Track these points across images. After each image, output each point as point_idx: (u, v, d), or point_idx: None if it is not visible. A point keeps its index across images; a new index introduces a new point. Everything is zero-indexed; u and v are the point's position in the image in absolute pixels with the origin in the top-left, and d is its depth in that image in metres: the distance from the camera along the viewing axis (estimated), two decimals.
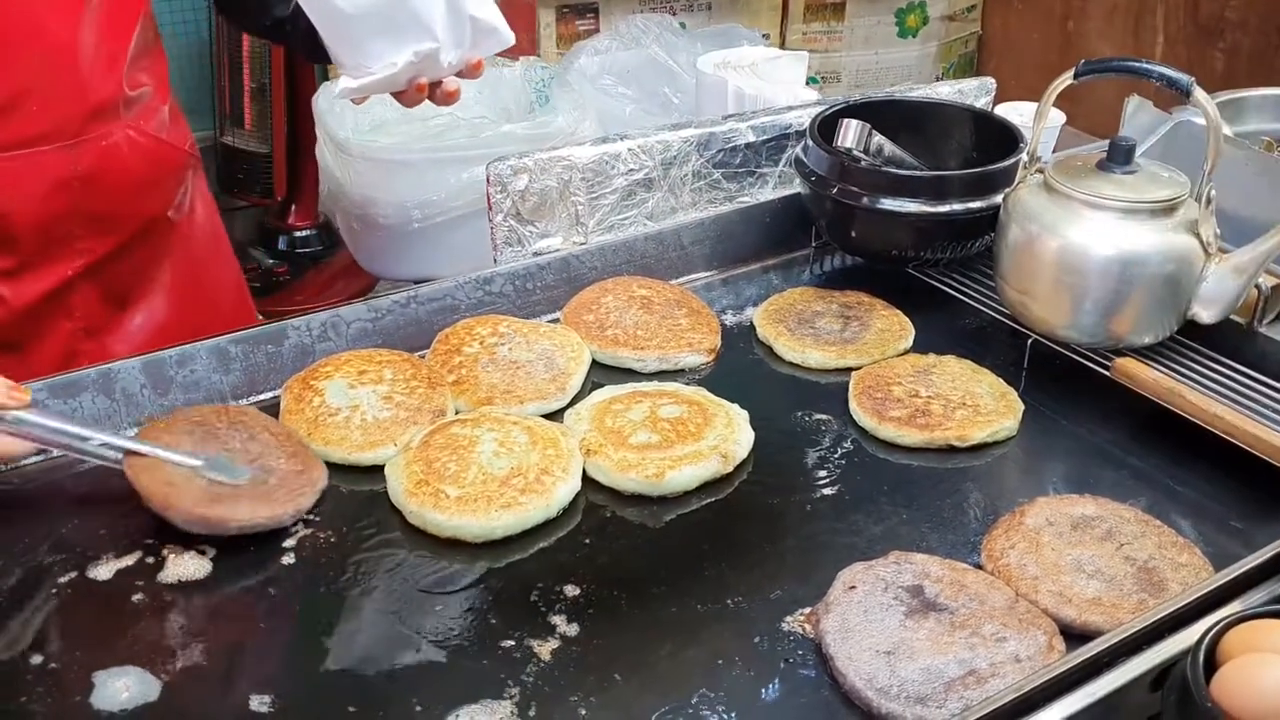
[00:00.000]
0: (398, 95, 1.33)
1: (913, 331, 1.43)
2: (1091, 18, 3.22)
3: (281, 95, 3.05)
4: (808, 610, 1.03)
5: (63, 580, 1.06)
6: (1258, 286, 1.31)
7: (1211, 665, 0.87)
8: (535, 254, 1.51)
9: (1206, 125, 1.22)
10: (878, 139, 1.40)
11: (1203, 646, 0.88)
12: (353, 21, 1.21)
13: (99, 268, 1.41)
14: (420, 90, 1.30)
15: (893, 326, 1.43)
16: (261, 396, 1.31)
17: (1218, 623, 0.90)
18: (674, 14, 3.04)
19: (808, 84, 2.08)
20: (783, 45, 3.24)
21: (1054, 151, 1.85)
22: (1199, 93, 1.22)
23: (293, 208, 3.23)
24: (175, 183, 1.48)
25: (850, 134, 1.38)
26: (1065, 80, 1.30)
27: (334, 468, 1.20)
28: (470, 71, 1.32)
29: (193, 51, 3.20)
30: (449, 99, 1.33)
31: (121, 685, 0.95)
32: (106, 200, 1.37)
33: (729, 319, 1.51)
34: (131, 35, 1.36)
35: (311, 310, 1.38)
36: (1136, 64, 1.26)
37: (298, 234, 3.24)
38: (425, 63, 1.26)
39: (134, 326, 1.47)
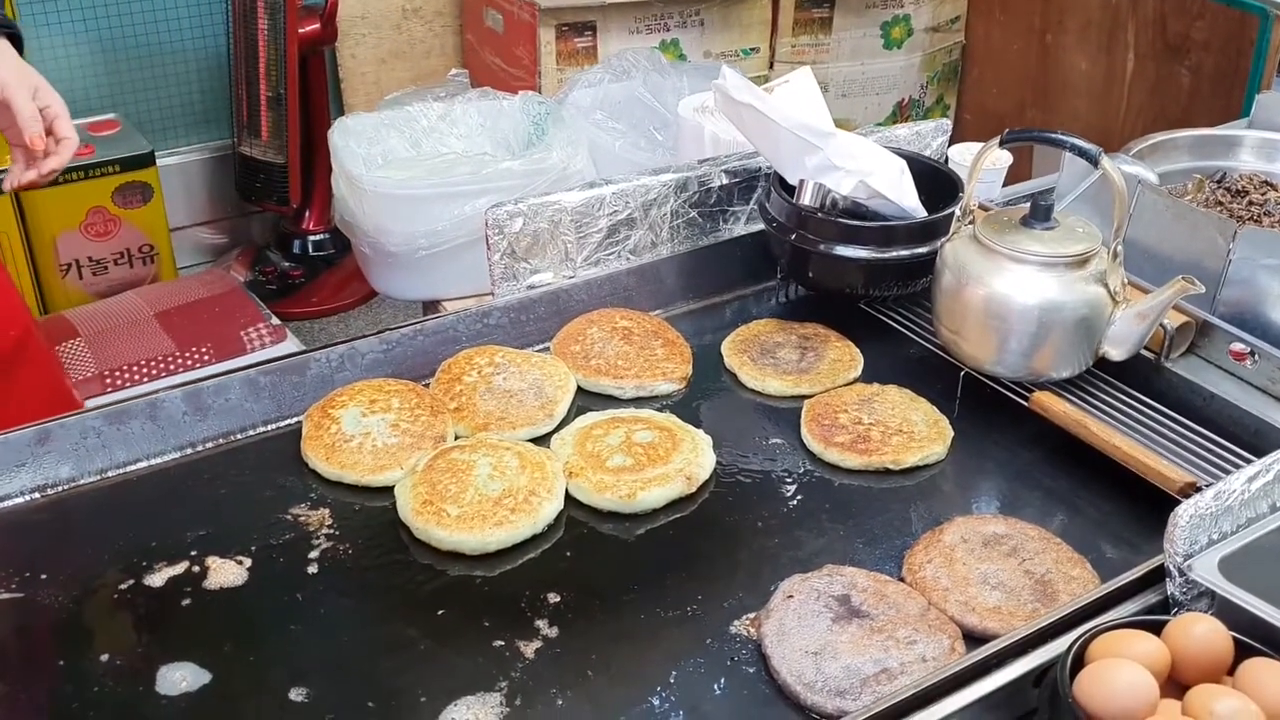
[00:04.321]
0: None
1: (861, 362, 1.61)
2: (1068, 31, 3.37)
3: (296, 106, 3.21)
4: (752, 615, 1.22)
5: (123, 587, 1.25)
6: (1163, 326, 1.49)
7: (1080, 668, 1.06)
8: (529, 287, 1.69)
9: (1113, 193, 1.40)
10: (833, 194, 1.57)
11: (1071, 652, 1.06)
12: None
13: None
14: None
15: (844, 357, 1.61)
16: (287, 421, 1.50)
17: (1085, 632, 1.08)
18: (668, 30, 3.21)
19: None
20: (773, 58, 3.40)
21: (1004, 184, 2.03)
22: (1106, 162, 1.39)
23: (307, 214, 3.41)
24: None
25: (808, 193, 1.55)
26: (991, 146, 1.47)
27: (349, 488, 1.39)
28: None
29: (211, 61, 3.37)
30: None
31: (179, 676, 1.14)
32: None
33: (704, 343, 1.69)
34: None
35: (326, 315, 1.57)
36: (1053, 135, 1.43)
37: (312, 238, 3.42)
38: None
39: None
